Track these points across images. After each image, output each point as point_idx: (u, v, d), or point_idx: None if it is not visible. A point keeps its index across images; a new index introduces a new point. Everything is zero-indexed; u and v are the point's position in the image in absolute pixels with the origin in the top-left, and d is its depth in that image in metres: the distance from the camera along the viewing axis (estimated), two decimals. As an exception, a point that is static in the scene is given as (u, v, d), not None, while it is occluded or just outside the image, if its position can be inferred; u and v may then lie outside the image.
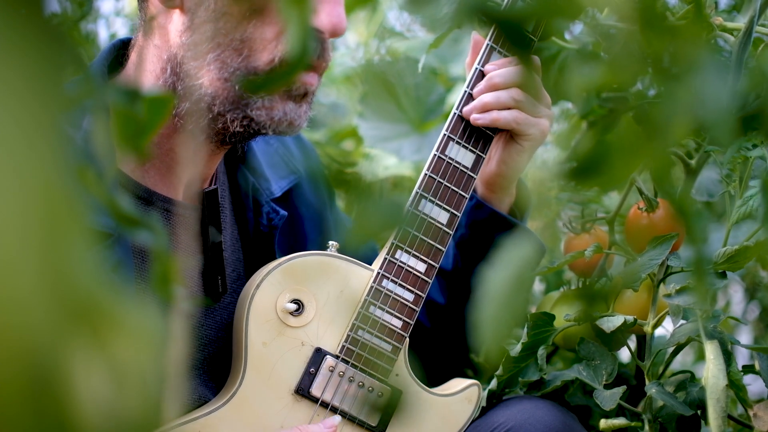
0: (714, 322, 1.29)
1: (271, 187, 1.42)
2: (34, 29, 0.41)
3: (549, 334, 1.40)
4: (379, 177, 1.96)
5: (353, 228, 0.63)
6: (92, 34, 2.34)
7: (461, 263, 1.47)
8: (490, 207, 1.43)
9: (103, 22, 2.45)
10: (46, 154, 0.40)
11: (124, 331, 0.42)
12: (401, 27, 2.48)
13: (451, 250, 1.47)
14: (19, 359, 0.39)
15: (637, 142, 0.54)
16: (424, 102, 2.01)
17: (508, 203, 1.46)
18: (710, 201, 1.51)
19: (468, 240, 1.45)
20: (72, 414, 0.40)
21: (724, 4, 1.52)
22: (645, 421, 1.35)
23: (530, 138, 1.35)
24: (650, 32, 0.54)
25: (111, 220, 0.55)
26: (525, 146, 1.36)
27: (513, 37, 0.56)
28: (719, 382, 1.17)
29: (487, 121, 1.32)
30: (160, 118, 0.54)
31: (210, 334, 1.33)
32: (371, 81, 2.02)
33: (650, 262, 1.32)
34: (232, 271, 1.37)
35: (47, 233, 0.39)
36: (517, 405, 1.34)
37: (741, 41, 1.18)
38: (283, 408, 1.29)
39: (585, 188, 1.50)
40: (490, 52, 1.35)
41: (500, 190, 1.43)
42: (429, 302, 1.47)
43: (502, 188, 1.43)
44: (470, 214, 1.44)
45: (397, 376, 1.33)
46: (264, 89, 0.97)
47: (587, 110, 1.60)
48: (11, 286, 0.38)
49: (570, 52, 1.56)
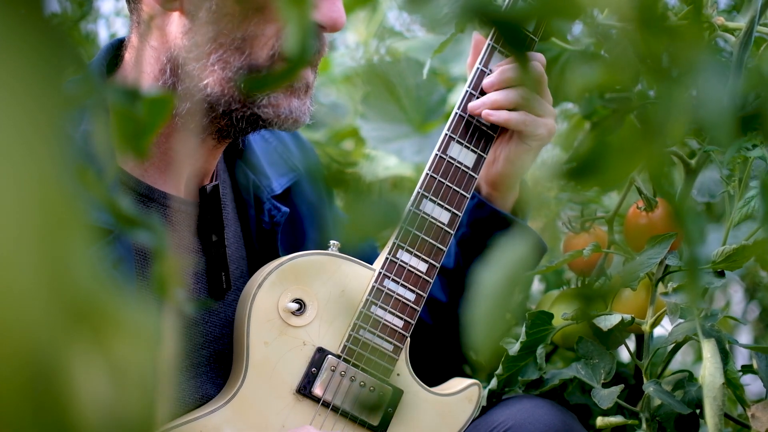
0: (711, 321, 1.29)
1: (272, 185, 1.43)
2: (34, 29, 0.41)
3: (548, 333, 1.40)
4: (379, 177, 1.97)
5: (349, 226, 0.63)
6: (92, 34, 2.34)
7: (462, 262, 1.47)
8: (491, 206, 1.43)
9: (103, 22, 2.45)
10: (46, 152, 0.40)
11: (124, 329, 0.42)
12: (401, 27, 2.48)
13: (452, 248, 1.47)
14: (18, 357, 0.39)
15: (636, 142, 0.54)
16: (426, 102, 2.01)
17: (511, 202, 1.46)
18: (711, 201, 1.51)
19: (469, 239, 1.45)
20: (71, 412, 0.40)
21: (724, 4, 1.52)
22: (643, 419, 1.35)
23: (538, 138, 1.36)
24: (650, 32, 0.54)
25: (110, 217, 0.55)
26: (533, 146, 1.37)
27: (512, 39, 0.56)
28: (716, 381, 1.17)
29: (500, 119, 1.33)
30: (161, 118, 0.54)
31: (214, 331, 1.34)
32: (373, 81, 2.02)
33: (649, 261, 1.32)
34: (236, 269, 1.37)
35: (47, 230, 0.39)
36: (516, 404, 1.34)
37: (741, 41, 1.18)
38: (285, 408, 1.29)
39: (584, 188, 1.50)
40: (491, 52, 1.35)
41: (505, 189, 1.43)
42: (431, 300, 1.48)
43: (507, 187, 1.43)
44: (472, 213, 1.44)
45: (398, 375, 1.33)
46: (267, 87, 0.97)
47: (589, 111, 1.61)
48: (10, 283, 0.38)
49: (571, 53, 1.56)
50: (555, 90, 1.55)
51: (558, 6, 0.56)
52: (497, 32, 1.35)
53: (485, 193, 1.45)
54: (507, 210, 1.45)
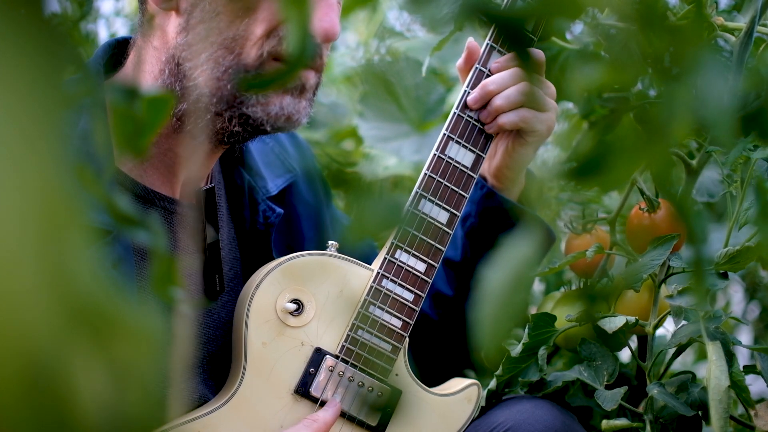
0: (715, 323, 1.29)
1: (267, 186, 1.42)
2: (34, 29, 0.41)
3: (550, 335, 1.39)
4: (379, 177, 1.96)
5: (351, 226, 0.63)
6: (92, 34, 2.34)
7: (470, 253, 1.47)
8: (500, 195, 1.43)
9: (103, 22, 2.45)
10: (45, 152, 0.40)
11: (124, 330, 0.42)
12: (401, 27, 2.48)
13: (459, 240, 1.48)
14: (18, 358, 0.38)
15: (638, 142, 0.54)
16: (424, 102, 2.01)
17: (516, 193, 1.46)
18: (711, 201, 1.51)
19: (478, 229, 1.45)
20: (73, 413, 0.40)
21: (724, 4, 1.52)
22: (646, 421, 1.35)
23: (536, 134, 1.36)
24: (651, 32, 0.54)
25: (109, 217, 0.55)
26: (530, 141, 1.37)
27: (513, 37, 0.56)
28: (721, 383, 1.17)
29: (495, 128, 1.34)
30: (160, 118, 0.54)
31: (208, 332, 1.33)
32: (371, 81, 2.02)
33: (651, 262, 1.32)
34: (230, 270, 1.37)
35: (46, 231, 0.39)
36: (516, 405, 1.34)
37: (742, 41, 1.18)
38: (283, 408, 1.29)
39: (585, 188, 1.50)
40: (490, 52, 1.35)
41: (508, 180, 1.43)
42: (436, 294, 1.48)
43: (509, 179, 1.43)
44: (480, 203, 1.44)
45: (396, 375, 1.33)
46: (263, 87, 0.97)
47: (588, 110, 1.60)
48: (10, 284, 0.38)
49: (571, 53, 1.56)
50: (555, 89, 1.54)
51: (558, 5, 0.56)
52: (496, 31, 1.36)
53: (490, 184, 1.45)
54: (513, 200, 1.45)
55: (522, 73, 1.32)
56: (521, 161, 1.40)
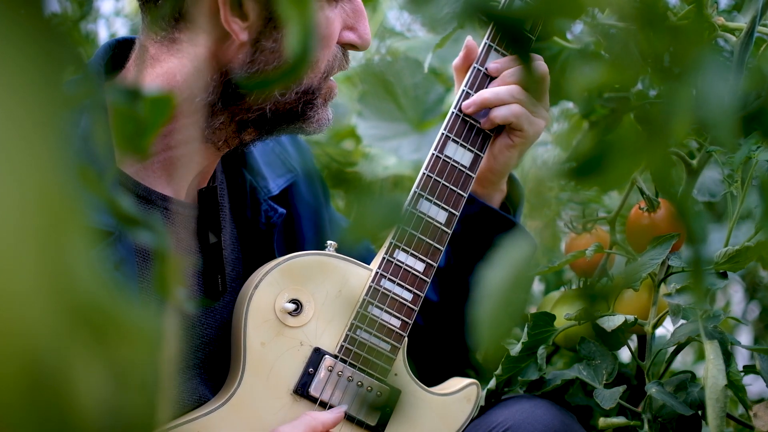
0: (714, 322, 1.29)
1: (269, 186, 1.42)
2: (34, 29, 0.41)
3: (549, 335, 1.40)
4: (378, 177, 1.96)
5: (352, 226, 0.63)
6: (92, 34, 2.34)
7: (453, 260, 1.47)
8: (481, 202, 1.43)
9: (103, 22, 2.45)
10: (46, 153, 0.40)
11: (126, 331, 0.42)
12: (401, 27, 2.48)
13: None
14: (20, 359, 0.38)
15: (638, 142, 0.54)
16: (423, 101, 2.01)
17: (498, 199, 1.46)
18: (711, 201, 1.51)
19: (460, 236, 1.45)
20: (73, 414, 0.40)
21: (724, 4, 1.52)
22: (645, 420, 1.35)
23: (523, 135, 1.36)
24: (651, 32, 0.54)
25: (112, 218, 0.55)
26: (515, 142, 1.37)
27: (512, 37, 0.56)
28: (718, 382, 1.17)
29: (488, 124, 1.34)
30: (162, 118, 0.54)
31: (210, 333, 1.33)
32: (370, 80, 2.02)
33: (651, 261, 1.32)
34: (232, 270, 1.37)
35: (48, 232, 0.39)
36: (515, 404, 1.34)
37: (742, 41, 1.18)
38: (282, 408, 1.29)
39: (585, 188, 1.50)
40: (488, 51, 1.35)
41: (490, 185, 1.43)
42: (422, 301, 1.48)
43: (491, 183, 1.43)
44: (462, 210, 1.44)
45: (395, 375, 1.33)
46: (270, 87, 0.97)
47: (589, 110, 1.60)
48: (13, 285, 0.38)
49: (571, 52, 1.56)
50: (555, 89, 1.55)
51: (558, 5, 0.56)
52: (495, 31, 1.36)
53: (473, 189, 1.45)
54: (495, 207, 1.45)
55: (521, 74, 1.32)
56: (505, 164, 1.40)
